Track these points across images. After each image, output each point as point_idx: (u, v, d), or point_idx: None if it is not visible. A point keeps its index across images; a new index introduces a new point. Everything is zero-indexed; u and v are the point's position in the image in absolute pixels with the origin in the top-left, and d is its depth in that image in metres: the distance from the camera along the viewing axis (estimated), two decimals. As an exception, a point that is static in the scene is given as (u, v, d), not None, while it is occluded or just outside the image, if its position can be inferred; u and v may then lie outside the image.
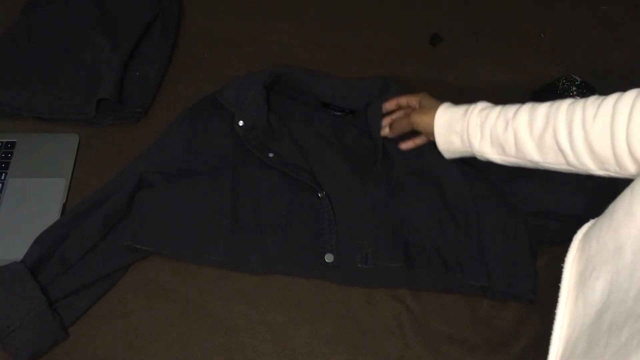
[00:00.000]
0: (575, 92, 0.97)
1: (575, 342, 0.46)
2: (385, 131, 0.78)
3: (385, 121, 0.82)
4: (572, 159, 0.60)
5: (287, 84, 0.95)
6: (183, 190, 0.85)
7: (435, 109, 0.73)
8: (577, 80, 0.99)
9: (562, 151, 0.61)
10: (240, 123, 0.89)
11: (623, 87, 1.01)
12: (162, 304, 0.79)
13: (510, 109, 0.66)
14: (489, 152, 0.68)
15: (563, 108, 0.61)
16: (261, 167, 0.88)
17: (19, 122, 0.94)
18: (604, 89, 0.97)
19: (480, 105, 0.69)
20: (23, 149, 0.90)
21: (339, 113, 0.95)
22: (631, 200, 0.46)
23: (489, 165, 0.89)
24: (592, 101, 0.59)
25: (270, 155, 0.88)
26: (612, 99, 0.58)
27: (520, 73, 1.05)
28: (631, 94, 0.56)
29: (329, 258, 0.82)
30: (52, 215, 0.84)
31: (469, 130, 0.68)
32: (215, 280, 0.81)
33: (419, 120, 0.74)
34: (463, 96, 1.00)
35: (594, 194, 0.82)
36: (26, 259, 0.77)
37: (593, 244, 0.49)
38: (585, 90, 0.97)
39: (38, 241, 0.78)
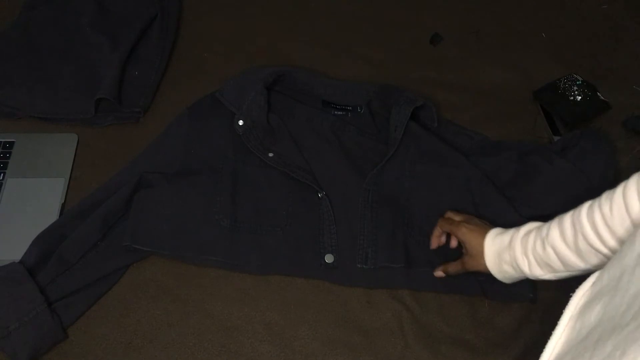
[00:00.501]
0: (576, 92, 0.97)
1: (561, 357, 0.47)
2: (439, 273, 0.81)
3: (433, 242, 0.83)
4: (610, 254, 0.63)
5: (287, 84, 0.94)
6: (183, 190, 0.84)
7: (481, 249, 0.75)
8: (578, 80, 0.98)
9: (598, 251, 0.63)
10: (241, 122, 0.88)
11: (623, 87, 1.01)
12: (161, 304, 0.79)
13: (544, 228, 0.69)
14: (542, 274, 0.70)
15: (583, 212, 0.64)
16: (261, 167, 0.88)
17: (18, 122, 0.94)
18: (605, 89, 0.99)
19: (523, 230, 0.72)
20: (22, 148, 0.90)
21: (339, 112, 0.95)
22: (635, 232, 0.48)
23: (495, 168, 0.89)
24: (605, 197, 0.62)
25: (270, 155, 0.87)
26: (619, 189, 0.61)
27: (520, 73, 1.04)
28: (633, 179, 0.59)
29: (329, 258, 0.82)
30: (50, 215, 0.83)
31: (517, 259, 0.71)
32: (215, 281, 0.81)
33: (473, 266, 0.77)
34: (463, 96, 1.01)
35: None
36: (25, 259, 0.77)
37: (605, 277, 0.51)
38: (586, 89, 0.97)
39: (36, 241, 0.78)
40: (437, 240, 0.82)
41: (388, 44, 1.08)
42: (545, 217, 0.83)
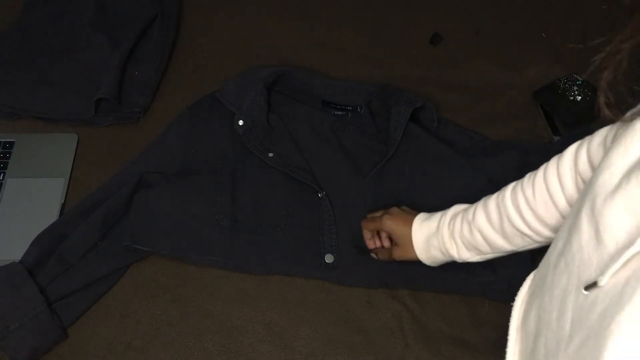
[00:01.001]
0: (576, 92, 0.97)
1: None
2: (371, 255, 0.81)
3: (370, 244, 0.82)
4: (535, 237, 0.63)
5: (287, 84, 0.94)
6: (182, 190, 0.84)
7: (409, 237, 0.74)
8: (578, 80, 0.98)
9: (523, 234, 0.64)
10: (241, 122, 0.88)
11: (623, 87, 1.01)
12: (161, 304, 0.79)
13: (470, 211, 0.69)
14: (469, 257, 0.70)
15: (507, 195, 0.64)
16: (261, 167, 0.88)
17: (18, 122, 0.94)
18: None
19: (449, 214, 0.72)
20: (21, 149, 0.90)
21: (339, 112, 0.95)
22: (560, 227, 0.48)
23: (495, 168, 0.89)
24: (527, 180, 0.63)
25: (270, 155, 0.87)
26: (540, 172, 0.62)
27: (520, 73, 1.04)
28: (553, 163, 0.60)
29: (329, 258, 0.82)
30: (50, 215, 0.83)
31: (445, 243, 0.71)
32: (215, 281, 0.81)
33: (401, 256, 0.76)
34: (463, 96, 1.01)
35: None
36: (25, 260, 0.77)
37: (536, 278, 0.51)
38: (586, 89, 0.97)
39: (36, 241, 0.78)
40: (370, 242, 0.81)
41: (388, 44, 1.08)
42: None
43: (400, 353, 0.77)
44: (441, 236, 0.71)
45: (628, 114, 0.43)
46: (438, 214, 0.73)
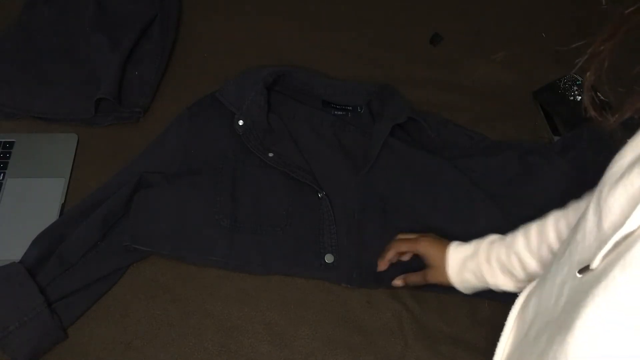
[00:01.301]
0: (576, 92, 0.97)
1: (510, 356, 0.49)
2: (397, 282, 0.79)
3: (382, 264, 0.80)
4: None
5: (287, 84, 0.94)
6: (182, 190, 0.84)
7: (443, 260, 0.74)
8: (578, 80, 0.98)
9: None
10: (240, 122, 0.88)
11: (623, 87, 1.01)
12: (161, 304, 0.79)
13: (508, 237, 0.69)
14: (503, 282, 0.70)
15: (550, 222, 0.64)
16: (261, 167, 0.88)
17: (18, 122, 0.94)
18: (605, 89, 0.98)
19: (487, 240, 0.72)
20: (22, 149, 0.90)
21: (339, 112, 0.95)
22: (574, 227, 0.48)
23: (494, 168, 0.89)
24: (573, 207, 0.63)
25: (270, 155, 0.87)
26: (585, 200, 0.61)
27: (520, 73, 1.04)
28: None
29: (329, 258, 0.82)
30: (50, 215, 0.83)
31: (480, 266, 0.70)
32: (215, 281, 0.81)
33: (435, 277, 0.76)
34: (463, 96, 1.01)
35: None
36: (25, 260, 0.77)
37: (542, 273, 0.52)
38: (586, 90, 0.97)
39: (36, 241, 0.78)
40: (386, 264, 0.80)
41: (388, 44, 1.08)
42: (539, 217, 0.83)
43: (400, 353, 0.77)
44: (477, 258, 0.71)
45: (613, 119, 0.44)
46: (474, 240, 0.73)
